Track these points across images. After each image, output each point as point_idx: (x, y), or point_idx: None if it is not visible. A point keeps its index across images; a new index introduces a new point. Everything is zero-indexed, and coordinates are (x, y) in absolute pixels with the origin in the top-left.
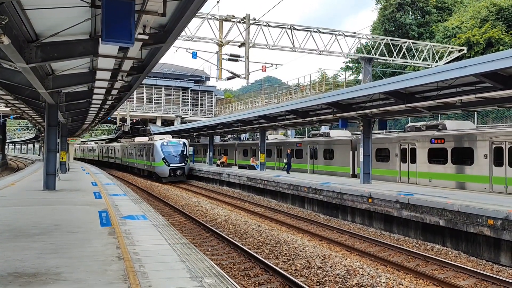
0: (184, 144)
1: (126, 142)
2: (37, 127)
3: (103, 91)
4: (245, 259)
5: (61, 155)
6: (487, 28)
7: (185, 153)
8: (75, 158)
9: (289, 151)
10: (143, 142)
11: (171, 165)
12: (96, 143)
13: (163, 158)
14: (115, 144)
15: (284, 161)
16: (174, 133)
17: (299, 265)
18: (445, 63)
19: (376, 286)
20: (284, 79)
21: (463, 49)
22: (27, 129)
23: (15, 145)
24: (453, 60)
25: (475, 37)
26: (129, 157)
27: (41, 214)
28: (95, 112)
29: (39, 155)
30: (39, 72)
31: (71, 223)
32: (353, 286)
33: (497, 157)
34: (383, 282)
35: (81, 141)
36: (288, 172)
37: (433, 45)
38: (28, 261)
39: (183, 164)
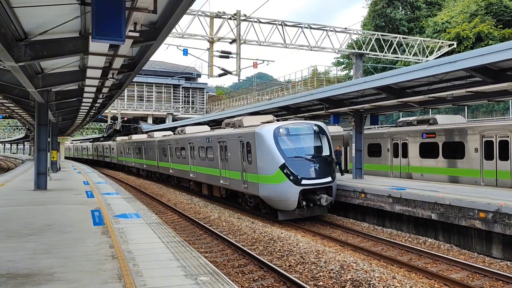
0: (323, 132)
1: (132, 138)
2: (27, 127)
3: (94, 89)
4: (239, 256)
5: (52, 155)
6: (477, 22)
7: (328, 154)
8: (67, 158)
9: (338, 148)
10: (214, 134)
11: (303, 181)
12: (91, 141)
13: (286, 168)
14: (117, 141)
15: None
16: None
17: (293, 261)
18: (435, 58)
19: (370, 281)
20: (275, 75)
21: (453, 44)
22: (17, 128)
23: (4, 145)
24: (443, 55)
25: (465, 31)
26: (147, 157)
27: (33, 214)
28: (86, 110)
29: (29, 154)
30: (28, 71)
31: (63, 222)
32: (347, 281)
33: (488, 150)
34: (377, 277)
35: (73, 140)
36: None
37: (423, 40)
38: (21, 262)
39: (330, 179)
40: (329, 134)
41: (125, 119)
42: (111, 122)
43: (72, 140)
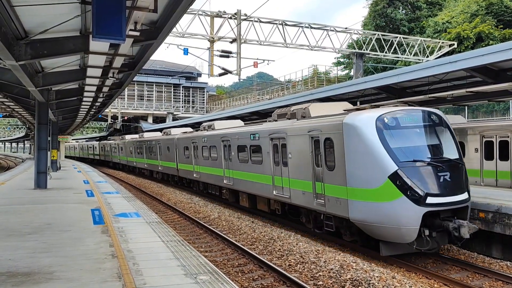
0: (445, 124)
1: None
2: (27, 125)
3: (94, 88)
4: (239, 255)
5: (52, 153)
6: (477, 22)
7: (457, 157)
8: (72, 158)
9: None
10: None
11: (429, 199)
12: (98, 140)
13: (400, 178)
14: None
15: None
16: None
17: (293, 260)
18: (435, 58)
19: (370, 280)
20: (276, 75)
21: (454, 44)
22: (17, 127)
23: (4, 144)
24: (444, 55)
25: (465, 31)
26: (163, 158)
27: (32, 213)
28: (86, 109)
29: (29, 153)
30: (28, 70)
31: (63, 221)
32: (347, 280)
33: (488, 151)
34: (377, 276)
35: (79, 138)
36: None
37: (423, 40)
38: (21, 261)
39: (466, 195)
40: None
41: (125, 118)
42: (111, 121)
43: (77, 139)
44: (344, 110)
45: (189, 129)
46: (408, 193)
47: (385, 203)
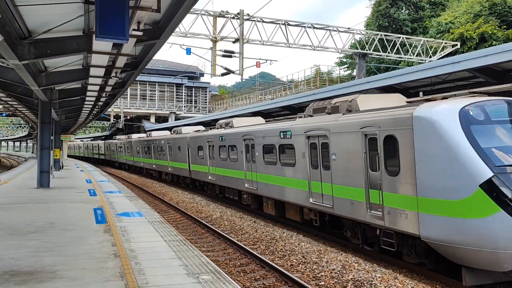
0: None
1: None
2: (30, 125)
3: (97, 88)
4: (241, 255)
5: (54, 153)
6: (480, 23)
7: None
8: (77, 157)
9: None
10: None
11: None
12: (103, 139)
13: (497, 187)
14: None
15: None
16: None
17: (295, 260)
18: (438, 58)
19: (372, 281)
20: (278, 75)
21: (457, 44)
22: (20, 126)
23: (8, 143)
24: (447, 55)
25: (468, 32)
26: (172, 159)
27: (35, 212)
28: (89, 109)
29: (32, 152)
30: (32, 69)
31: (65, 221)
32: (349, 281)
33: None
34: (379, 277)
35: (83, 137)
36: None
37: (426, 41)
38: (24, 259)
39: None
40: None
41: (128, 117)
42: (114, 120)
43: (81, 138)
44: (407, 102)
45: (201, 127)
46: (509, 207)
47: (475, 220)
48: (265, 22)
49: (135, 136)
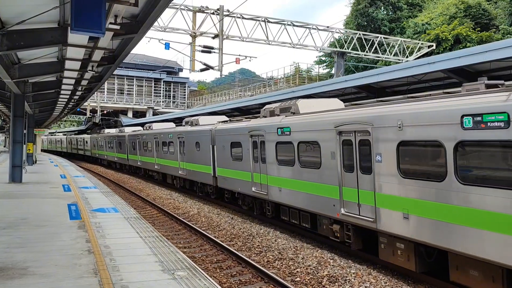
0: None
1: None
2: (2, 118)
3: (73, 81)
4: (217, 251)
5: (27, 147)
6: (455, 25)
7: None
8: (59, 153)
9: None
10: None
11: None
12: (89, 133)
13: None
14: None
15: None
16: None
17: (271, 256)
18: (415, 59)
19: (346, 277)
20: (258, 71)
21: (432, 45)
22: None
23: None
24: (423, 56)
25: (444, 33)
26: (187, 159)
27: (7, 207)
28: (64, 102)
29: (4, 146)
30: (4, 61)
31: (38, 216)
32: (324, 277)
33: None
34: (353, 273)
35: (66, 131)
36: None
37: (403, 41)
38: None
39: None
40: None
41: (105, 112)
42: (90, 115)
43: (64, 132)
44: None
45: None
46: None
47: None
48: (245, 18)
49: (129, 129)
